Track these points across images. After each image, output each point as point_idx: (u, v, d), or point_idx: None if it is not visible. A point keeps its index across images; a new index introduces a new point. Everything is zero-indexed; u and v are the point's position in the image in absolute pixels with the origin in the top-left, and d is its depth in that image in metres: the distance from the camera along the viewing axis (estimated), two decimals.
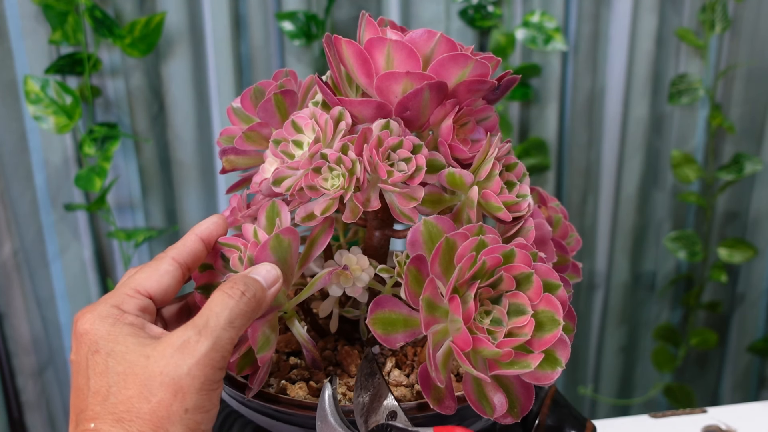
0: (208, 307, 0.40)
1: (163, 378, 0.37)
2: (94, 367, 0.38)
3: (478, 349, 0.40)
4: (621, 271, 1.31)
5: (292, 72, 0.52)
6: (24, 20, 0.98)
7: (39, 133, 1.04)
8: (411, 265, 0.43)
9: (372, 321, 0.43)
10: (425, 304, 0.42)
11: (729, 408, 0.73)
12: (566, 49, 1.12)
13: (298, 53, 1.09)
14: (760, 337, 1.37)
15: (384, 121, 0.45)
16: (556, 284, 0.42)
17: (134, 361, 0.38)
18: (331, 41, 0.48)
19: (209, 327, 0.38)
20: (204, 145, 1.11)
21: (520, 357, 0.41)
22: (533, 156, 1.18)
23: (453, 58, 0.44)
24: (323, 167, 0.45)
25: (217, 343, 0.38)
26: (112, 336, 0.39)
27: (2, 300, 1.10)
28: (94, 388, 0.38)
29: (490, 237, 0.43)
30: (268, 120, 0.49)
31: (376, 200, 0.46)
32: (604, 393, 1.39)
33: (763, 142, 1.26)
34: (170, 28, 1.04)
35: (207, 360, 0.38)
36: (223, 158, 0.52)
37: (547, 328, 0.41)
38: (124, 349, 0.38)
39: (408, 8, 1.11)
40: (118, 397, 0.37)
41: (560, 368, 0.41)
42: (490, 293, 0.43)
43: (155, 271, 0.43)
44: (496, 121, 0.50)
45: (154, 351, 0.38)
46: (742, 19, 1.19)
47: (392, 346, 0.43)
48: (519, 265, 0.42)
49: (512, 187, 0.47)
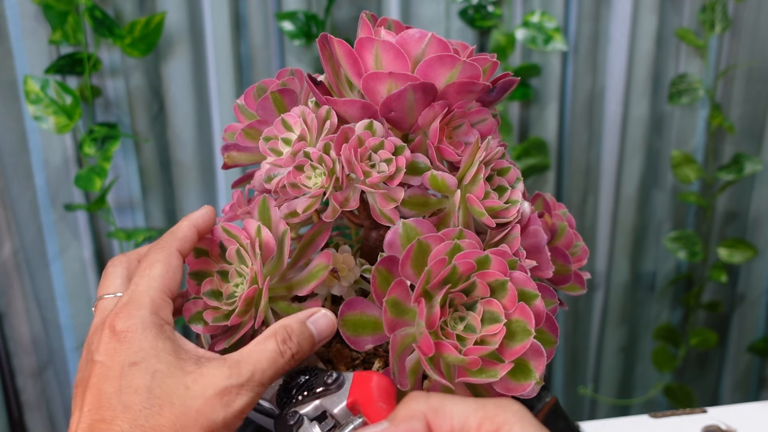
0: (254, 357, 0.39)
1: (198, 417, 0.36)
2: (130, 380, 0.37)
3: (444, 354, 0.40)
4: (621, 271, 1.31)
5: (297, 71, 0.52)
6: (24, 20, 0.98)
7: (39, 133, 1.04)
8: (380, 266, 0.42)
9: (342, 322, 0.42)
10: (390, 305, 0.41)
11: (729, 408, 0.73)
12: (566, 49, 1.12)
13: (298, 53, 1.09)
14: (760, 337, 1.37)
15: (367, 122, 0.45)
16: (532, 294, 0.41)
17: (173, 389, 0.37)
18: (325, 41, 0.48)
19: (254, 381, 0.38)
20: (204, 145, 1.11)
21: (490, 366, 0.40)
22: (533, 156, 1.18)
23: (440, 59, 0.44)
24: (306, 165, 0.45)
25: (255, 398, 0.38)
26: (154, 350, 0.38)
27: (2, 300, 1.10)
28: (125, 402, 0.37)
29: (467, 242, 0.42)
30: (267, 117, 0.49)
31: (355, 200, 0.45)
32: (604, 393, 1.39)
33: (763, 142, 1.26)
34: (170, 28, 1.04)
35: (241, 412, 0.38)
36: (224, 154, 0.52)
37: (519, 338, 0.40)
38: (165, 370, 0.37)
39: (408, 8, 1.11)
40: (150, 422, 0.36)
41: (533, 380, 0.40)
42: (463, 299, 0.42)
43: (169, 267, 0.42)
44: (492, 124, 0.48)
45: (195, 384, 0.37)
46: (742, 19, 1.19)
47: (360, 349, 0.43)
48: (493, 272, 0.41)
49: (503, 192, 0.46)
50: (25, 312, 1.11)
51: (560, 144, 1.23)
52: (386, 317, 0.41)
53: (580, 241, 0.54)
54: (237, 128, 0.52)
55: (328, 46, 0.48)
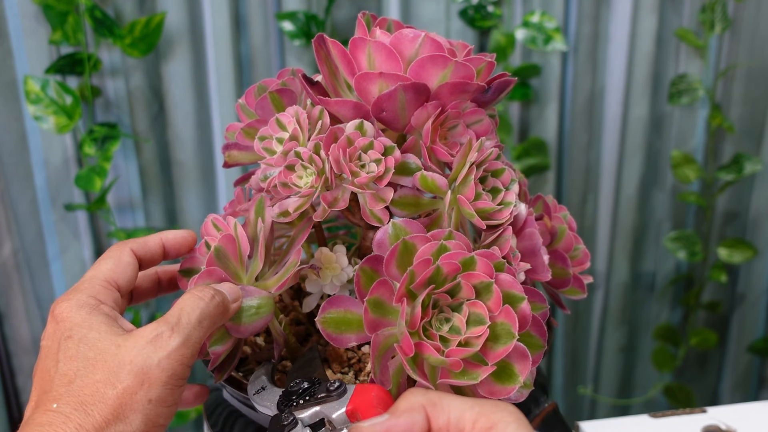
0: (179, 306, 0.41)
1: (132, 366, 0.38)
2: (65, 351, 0.39)
3: (425, 355, 0.39)
4: (621, 271, 1.31)
5: (299, 71, 0.52)
6: (24, 20, 0.98)
7: (39, 133, 1.04)
8: (365, 265, 0.42)
9: (323, 320, 0.42)
10: (372, 305, 0.41)
11: (729, 408, 0.73)
12: (566, 49, 1.12)
13: (298, 53, 1.09)
14: (760, 337, 1.37)
15: (357, 122, 0.45)
16: (519, 296, 0.41)
17: (105, 349, 0.39)
18: (321, 42, 0.48)
19: (181, 324, 0.40)
20: (204, 145, 1.11)
21: (472, 368, 0.40)
22: (533, 156, 1.18)
23: (431, 59, 0.44)
24: (296, 165, 0.45)
25: (188, 340, 0.39)
26: (87, 323, 0.40)
27: (2, 300, 1.10)
28: (62, 371, 0.38)
29: (453, 243, 0.42)
30: (266, 117, 0.49)
31: (344, 200, 0.46)
32: (604, 393, 1.39)
33: (763, 142, 1.26)
34: (170, 28, 1.04)
35: (177, 355, 0.39)
36: (225, 153, 0.53)
37: (502, 341, 0.40)
38: (97, 336, 0.39)
39: (408, 8, 1.11)
40: (85, 380, 0.38)
41: (517, 384, 0.40)
42: (448, 300, 0.41)
43: (119, 262, 0.45)
44: (488, 124, 0.48)
45: (126, 341, 0.39)
46: (742, 19, 1.19)
47: (342, 346, 0.43)
48: (479, 274, 0.41)
49: (497, 193, 0.46)
50: (25, 312, 1.11)
51: (560, 144, 1.23)
52: (367, 317, 0.40)
53: (580, 244, 0.54)
54: (238, 127, 0.52)
55: (325, 47, 0.48)
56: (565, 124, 1.22)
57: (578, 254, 0.53)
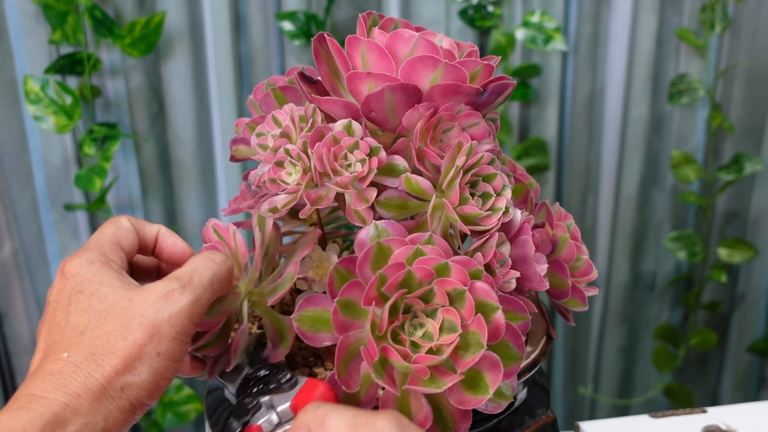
0: (192, 265, 0.42)
1: (143, 319, 0.38)
2: (77, 305, 0.40)
3: (390, 360, 0.39)
4: (621, 271, 1.31)
5: (309, 69, 0.52)
6: (24, 20, 0.98)
7: (39, 133, 1.04)
8: (340, 266, 0.42)
9: (298, 318, 0.42)
10: (341, 306, 0.40)
11: (729, 408, 0.72)
12: (566, 49, 1.12)
13: (298, 53, 1.09)
14: (760, 337, 1.37)
15: (346, 122, 0.45)
16: (492, 306, 0.40)
17: (116, 302, 0.39)
18: (322, 41, 0.48)
19: (193, 283, 0.40)
20: (204, 145, 1.11)
21: (441, 376, 0.39)
22: (533, 156, 1.18)
23: (420, 60, 0.43)
24: (285, 161, 0.45)
25: (198, 300, 0.40)
26: (98, 278, 0.40)
27: (2, 300, 1.10)
28: (73, 323, 0.39)
29: (430, 248, 0.41)
30: (269, 113, 0.50)
31: (328, 199, 0.45)
32: (604, 393, 1.39)
33: (763, 142, 1.26)
34: (170, 28, 1.04)
35: (187, 312, 0.39)
36: (232, 147, 0.53)
37: (472, 350, 0.39)
38: (109, 290, 0.40)
39: (408, 8, 1.11)
40: (96, 332, 0.38)
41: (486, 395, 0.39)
42: (421, 306, 0.41)
43: (120, 228, 0.45)
44: (484, 128, 0.47)
45: (137, 295, 0.40)
46: (742, 19, 1.19)
47: (317, 345, 0.42)
48: (452, 281, 0.40)
49: (487, 198, 0.45)
50: (25, 312, 1.11)
51: (560, 144, 1.23)
52: (336, 317, 0.40)
53: (583, 254, 0.51)
54: (245, 122, 0.53)
55: (325, 46, 0.48)
56: (565, 124, 1.22)
57: (581, 265, 0.51)
